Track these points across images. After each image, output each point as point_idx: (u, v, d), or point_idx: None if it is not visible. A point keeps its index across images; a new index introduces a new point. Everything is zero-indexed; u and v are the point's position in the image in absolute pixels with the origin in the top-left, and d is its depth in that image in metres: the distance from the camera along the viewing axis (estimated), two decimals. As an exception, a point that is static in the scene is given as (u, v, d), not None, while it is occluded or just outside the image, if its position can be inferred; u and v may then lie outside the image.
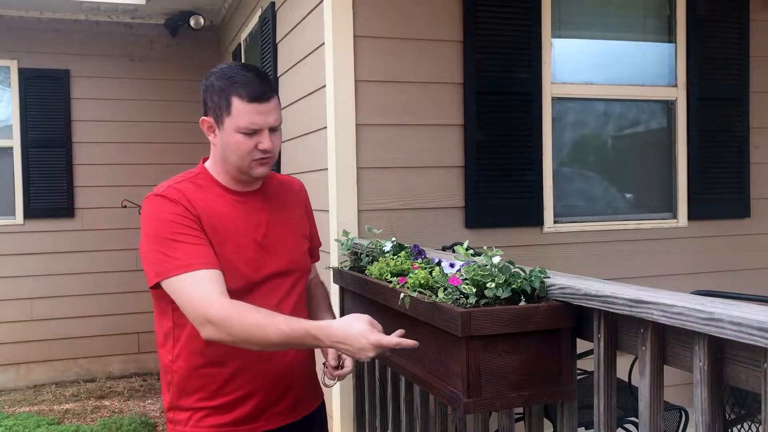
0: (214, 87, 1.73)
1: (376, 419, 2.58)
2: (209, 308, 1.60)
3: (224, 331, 1.60)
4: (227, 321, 1.59)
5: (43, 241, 5.70)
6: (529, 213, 3.50)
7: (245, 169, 1.76)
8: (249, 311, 1.61)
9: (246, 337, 1.60)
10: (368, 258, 2.40)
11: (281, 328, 1.58)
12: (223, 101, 1.71)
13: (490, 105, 3.40)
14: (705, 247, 3.83)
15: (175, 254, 1.64)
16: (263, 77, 1.76)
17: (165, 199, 1.71)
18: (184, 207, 1.69)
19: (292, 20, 3.79)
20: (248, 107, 1.69)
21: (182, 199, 1.71)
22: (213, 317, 1.59)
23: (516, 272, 1.67)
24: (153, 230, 1.69)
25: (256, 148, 1.72)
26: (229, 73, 1.73)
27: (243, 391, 1.77)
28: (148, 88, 5.94)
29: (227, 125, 1.71)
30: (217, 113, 1.73)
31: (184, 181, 1.79)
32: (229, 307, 1.61)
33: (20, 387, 5.69)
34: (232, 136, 1.71)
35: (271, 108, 1.73)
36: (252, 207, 1.82)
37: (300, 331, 1.59)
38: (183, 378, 1.79)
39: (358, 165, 3.18)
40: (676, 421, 2.83)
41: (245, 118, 1.69)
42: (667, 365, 1.44)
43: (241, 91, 1.69)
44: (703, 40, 3.79)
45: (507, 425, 1.83)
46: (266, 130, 1.72)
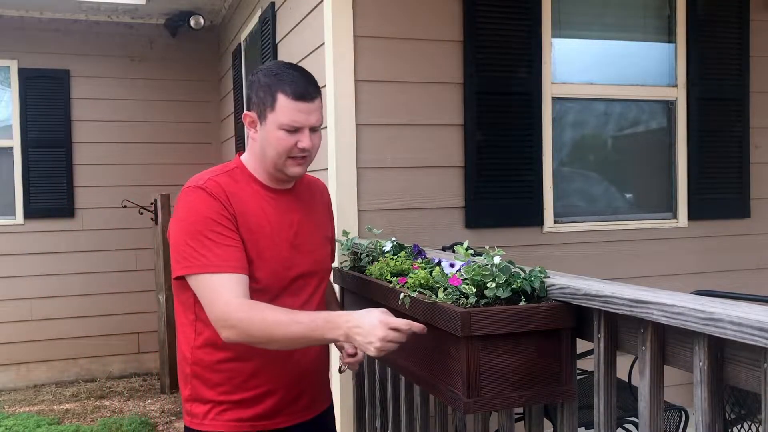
0: (261, 83, 1.75)
1: (376, 419, 2.58)
2: (230, 311, 1.62)
3: (245, 333, 1.63)
4: (247, 322, 1.61)
5: (43, 241, 5.71)
6: (529, 213, 3.50)
7: (281, 166, 1.77)
8: (268, 311, 1.63)
9: (267, 336, 1.62)
10: (368, 258, 2.40)
11: (302, 321, 1.62)
12: (268, 96, 1.73)
13: (490, 105, 3.40)
14: (705, 247, 3.83)
15: (206, 252, 1.66)
16: (309, 77, 1.78)
17: (205, 192, 1.71)
18: (222, 204, 1.70)
19: (292, 20, 3.79)
20: (292, 104, 1.71)
21: (221, 194, 1.72)
22: (233, 320, 1.62)
23: (516, 272, 1.67)
24: (188, 222, 1.70)
25: (295, 146, 1.74)
26: (276, 70, 1.76)
27: (265, 387, 1.79)
28: (148, 88, 5.94)
29: (270, 121, 1.73)
30: (260, 108, 1.75)
31: (222, 174, 1.79)
32: (249, 309, 1.63)
33: (20, 387, 5.69)
34: (274, 132, 1.73)
35: (314, 108, 1.75)
36: (286, 206, 1.84)
37: (319, 321, 1.61)
38: (204, 370, 1.79)
39: (358, 165, 3.18)
40: (676, 421, 2.83)
41: (288, 114, 1.71)
42: (667, 365, 1.44)
43: (287, 88, 1.71)
44: (703, 40, 3.80)
45: (507, 425, 1.83)
46: (307, 129, 1.74)
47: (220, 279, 1.64)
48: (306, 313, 1.66)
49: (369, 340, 1.57)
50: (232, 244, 1.69)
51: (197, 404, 1.81)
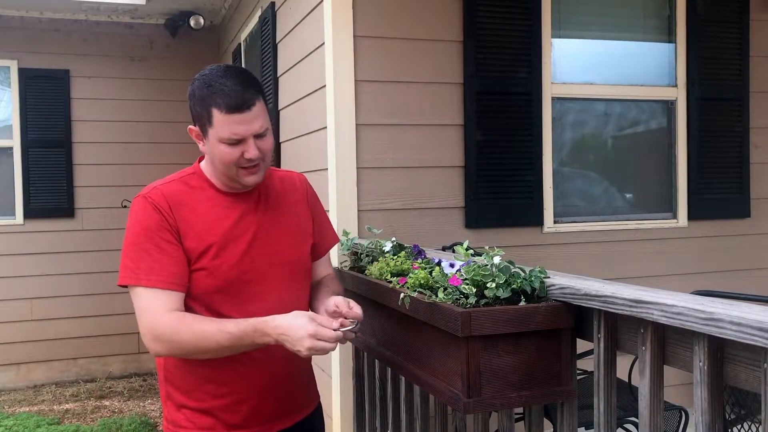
0: (196, 96, 1.69)
1: (376, 419, 2.58)
2: (157, 326, 1.63)
3: (173, 346, 1.64)
4: (175, 335, 1.62)
5: (43, 241, 5.70)
6: (529, 213, 3.50)
7: (235, 177, 1.73)
8: (196, 322, 1.63)
9: (195, 347, 1.63)
10: (368, 258, 2.40)
11: (229, 330, 1.60)
12: (203, 112, 1.67)
13: (490, 105, 3.40)
14: (705, 247, 3.83)
15: (140, 264, 1.66)
16: (245, 83, 1.68)
17: (147, 203, 1.70)
18: (163, 216, 1.68)
19: (292, 20, 3.79)
20: (228, 118, 1.64)
21: (164, 204, 1.70)
22: (161, 333, 1.62)
23: (516, 272, 1.67)
24: (130, 233, 1.71)
25: (242, 157, 1.68)
26: (209, 81, 1.68)
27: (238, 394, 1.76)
28: (148, 88, 5.94)
29: (211, 136, 1.68)
30: (200, 122, 1.70)
31: (174, 182, 1.77)
32: (177, 321, 1.62)
33: (20, 387, 5.69)
34: (217, 147, 1.68)
35: (254, 115, 1.67)
36: (244, 209, 1.79)
37: (248, 329, 1.60)
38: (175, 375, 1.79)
39: (358, 165, 3.18)
40: (676, 421, 2.83)
41: (226, 129, 1.65)
42: (667, 365, 1.44)
43: (219, 101, 1.64)
44: (703, 40, 3.79)
45: (507, 425, 1.83)
46: (251, 139, 1.68)
47: (152, 293, 1.64)
48: (235, 322, 1.62)
49: (296, 348, 1.58)
50: (168, 257, 1.66)
51: (172, 410, 1.79)
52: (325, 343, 1.57)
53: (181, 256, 1.68)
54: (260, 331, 1.60)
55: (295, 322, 1.58)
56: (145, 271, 1.65)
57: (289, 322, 1.59)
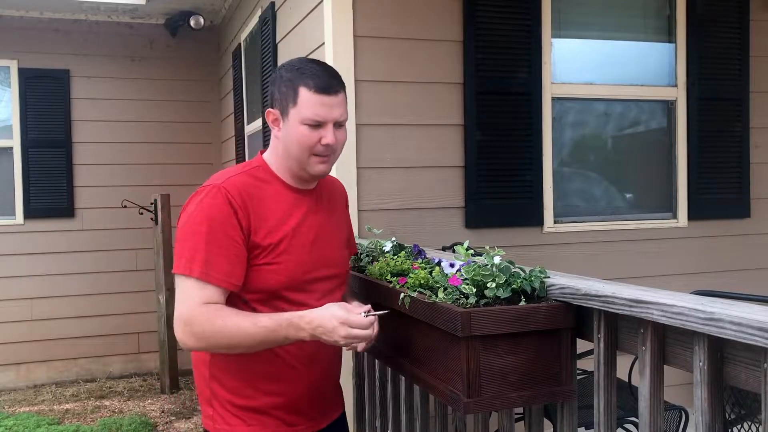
0: (283, 78, 1.71)
1: (376, 419, 2.58)
2: (192, 316, 1.59)
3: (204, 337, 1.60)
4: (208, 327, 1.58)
5: (43, 241, 5.71)
6: (529, 213, 3.50)
7: (305, 164, 1.72)
8: (231, 314, 1.60)
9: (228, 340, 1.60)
10: (368, 258, 2.40)
11: (264, 324, 1.59)
12: (290, 91, 1.69)
13: (490, 105, 3.40)
14: (705, 247, 3.83)
15: (197, 255, 1.61)
16: (332, 71, 1.74)
17: (220, 193, 1.65)
18: (233, 210, 1.64)
19: (292, 20, 3.79)
20: (314, 98, 1.67)
21: (237, 198, 1.65)
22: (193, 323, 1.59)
23: (516, 272, 1.67)
24: (194, 221, 1.64)
25: (318, 142, 1.69)
26: (297, 65, 1.72)
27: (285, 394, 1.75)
28: (148, 88, 5.94)
29: (292, 116, 1.69)
30: (283, 104, 1.71)
31: (243, 174, 1.74)
32: (212, 312, 1.59)
33: (20, 387, 5.69)
34: (296, 128, 1.68)
35: (338, 102, 1.71)
36: (308, 207, 1.79)
37: (283, 323, 1.59)
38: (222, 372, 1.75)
39: (358, 165, 3.18)
40: (676, 421, 2.83)
41: (310, 108, 1.67)
42: (667, 365, 1.44)
43: (309, 81, 1.68)
44: (703, 40, 3.80)
45: (507, 425, 1.83)
46: (330, 125, 1.70)
47: (198, 285, 1.60)
48: (269, 316, 1.61)
49: (333, 338, 1.59)
50: (225, 254, 1.62)
51: (216, 407, 1.76)
52: (360, 330, 1.58)
53: (240, 254, 1.65)
54: (295, 325, 1.59)
55: (326, 313, 1.59)
56: (200, 263, 1.60)
57: (321, 314, 1.59)
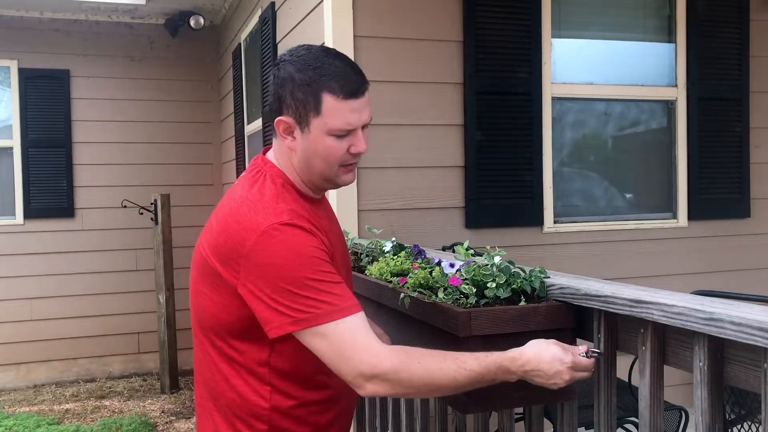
0: (296, 81, 1.41)
1: (376, 419, 2.58)
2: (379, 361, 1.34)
3: (399, 385, 1.36)
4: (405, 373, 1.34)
5: (43, 241, 5.71)
6: (529, 213, 3.50)
7: (332, 177, 1.48)
8: (425, 356, 1.38)
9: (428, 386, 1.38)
10: (368, 258, 2.40)
11: (471, 368, 1.38)
12: (309, 98, 1.40)
13: (490, 105, 3.40)
14: (705, 247, 3.83)
15: (325, 297, 1.35)
16: (354, 65, 1.47)
17: (298, 229, 1.38)
18: (319, 239, 1.41)
19: (292, 20, 3.79)
20: (344, 105, 1.40)
21: (312, 227, 1.42)
22: (385, 371, 1.33)
23: (516, 272, 1.67)
24: (291, 268, 1.35)
25: (347, 152, 1.46)
26: (314, 63, 1.41)
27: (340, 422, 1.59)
28: (148, 88, 5.94)
29: (315, 126, 1.41)
30: (300, 112, 1.41)
31: (285, 197, 1.45)
32: (402, 356, 1.36)
33: (20, 387, 5.69)
34: (321, 140, 1.42)
35: (366, 103, 1.45)
36: (326, 216, 1.60)
37: (491, 367, 1.40)
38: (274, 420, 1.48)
39: (358, 165, 3.17)
40: (676, 421, 2.83)
41: (340, 118, 1.41)
42: (667, 365, 1.44)
43: (334, 86, 1.39)
44: (703, 40, 3.80)
45: (507, 425, 1.83)
46: (359, 130, 1.45)
47: (358, 323, 1.36)
48: (474, 357, 1.40)
49: (552, 382, 1.42)
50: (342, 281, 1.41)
51: None
52: (584, 373, 1.46)
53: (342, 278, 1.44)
54: (504, 368, 1.41)
55: (545, 355, 1.42)
56: (334, 302, 1.35)
57: (539, 356, 1.42)
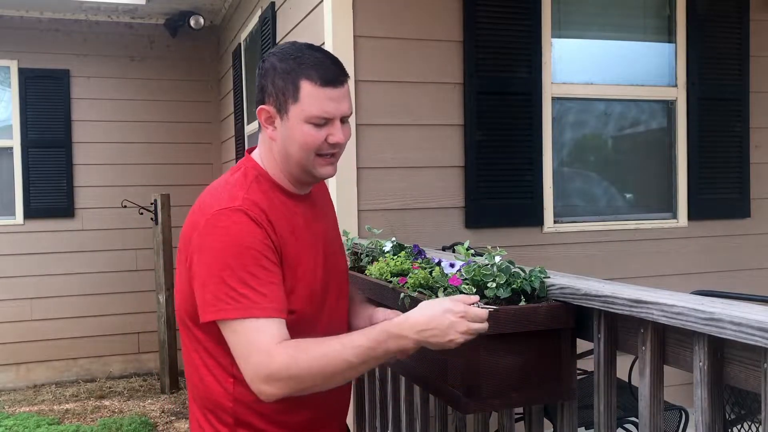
0: (277, 70, 1.46)
1: (376, 419, 2.58)
2: (270, 361, 1.33)
3: (293, 381, 1.34)
4: (293, 368, 1.33)
5: (43, 241, 5.71)
6: (529, 213, 3.50)
7: (309, 167, 1.49)
8: (312, 344, 1.36)
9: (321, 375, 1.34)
10: (368, 258, 2.40)
11: (358, 343, 1.35)
12: (289, 85, 1.44)
13: (490, 105, 3.40)
14: (705, 247, 3.83)
15: (247, 291, 1.36)
16: (335, 58, 1.51)
17: (245, 216, 1.40)
18: (266, 232, 1.41)
19: (292, 20, 3.79)
20: (321, 92, 1.43)
21: (263, 218, 1.42)
22: (275, 370, 1.33)
23: (516, 272, 1.67)
24: (224, 254, 1.37)
25: (325, 142, 1.47)
26: (295, 53, 1.46)
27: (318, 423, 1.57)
28: (148, 88, 5.94)
29: (293, 114, 1.45)
30: (280, 100, 1.45)
31: (252, 187, 1.48)
32: (290, 350, 1.34)
33: (20, 387, 5.69)
34: (299, 127, 1.45)
35: (345, 94, 1.48)
36: (312, 214, 1.58)
37: (380, 336, 1.36)
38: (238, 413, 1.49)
39: (358, 165, 3.18)
40: (676, 421, 2.83)
41: (317, 104, 1.43)
42: (667, 365, 1.44)
43: (312, 73, 1.43)
44: (703, 40, 3.80)
45: (507, 425, 1.83)
46: (338, 121, 1.47)
47: (260, 325, 1.35)
48: (360, 332, 1.38)
49: (449, 338, 1.37)
50: (277, 281, 1.40)
51: None
52: (480, 324, 1.39)
53: (281, 279, 1.43)
54: (394, 334, 1.36)
55: (436, 310, 1.37)
56: (255, 299, 1.36)
57: (428, 313, 1.37)
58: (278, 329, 1.37)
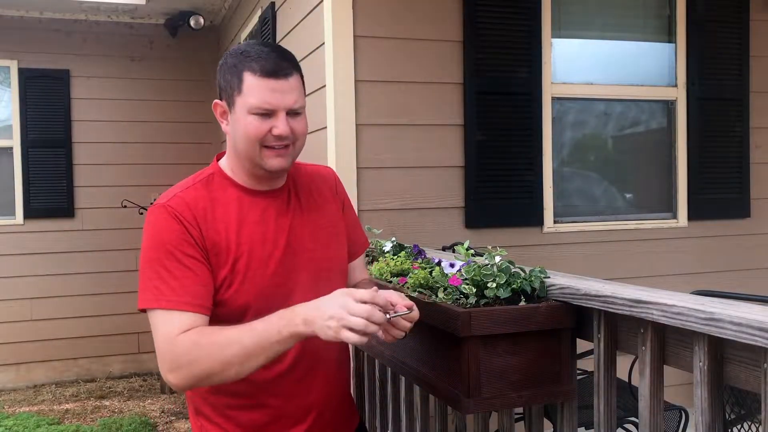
0: (227, 64, 1.52)
1: (376, 419, 2.58)
2: (172, 348, 1.39)
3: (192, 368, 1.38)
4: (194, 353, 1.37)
5: (43, 241, 5.70)
6: (529, 213, 3.50)
7: (257, 159, 1.51)
8: (215, 331, 1.41)
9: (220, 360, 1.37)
10: (368, 258, 2.40)
11: (254, 327, 1.37)
12: (234, 78, 1.49)
13: (490, 105, 3.40)
14: (705, 247, 3.83)
15: (158, 284, 1.44)
16: (283, 53, 1.53)
17: (166, 213, 1.48)
18: (184, 228, 1.47)
19: (292, 20, 3.79)
20: (261, 82, 1.46)
21: (186, 214, 1.48)
22: (177, 356, 1.38)
23: (516, 272, 1.67)
24: (147, 247, 1.48)
25: (269, 133, 1.49)
26: (243, 48, 1.52)
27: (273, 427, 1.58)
28: (147, 88, 5.94)
29: (238, 106, 1.49)
30: (228, 93, 1.51)
31: (192, 186, 1.56)
32: (193, 335, 1.39)
33: (20, 387, 5.69)
34: (243, 118, 1.48)
35: (290, 87, 1.49)
36: (275, 210, 1.59)
37: (273, 318, 1.37)
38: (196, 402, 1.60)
39: (358, 165, 3.18)
40: (676, 421, 2.83)
41: (257, 95, 1.47)
42: (667, 365, 1.44)
43: (253, 65, 1.47)
44: (703, 40, 3.80)
45: (507, 425, 1.83)
46: (283, 113, 1.49)
47: (170, 316, 1.41)
48: (263, 319, 1.39)
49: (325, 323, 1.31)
50: (190, 276, 1.45)
51: None
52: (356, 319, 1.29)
53: (205, 275, 1.47)
54: (286, 315, 1.36)
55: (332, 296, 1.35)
56: (164, 291, 1.43)
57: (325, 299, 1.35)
58: (187, 321, 1.42)
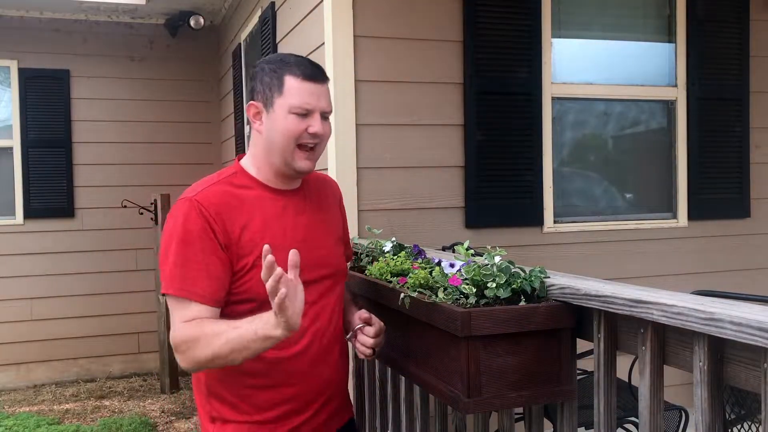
0: (265, 69, 1.69)
1: (376, 419, 2.58)
2: (175, 334, 1.57)
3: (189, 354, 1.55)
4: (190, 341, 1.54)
5: (43, 241, 5.71)
6: (529, 213, 3.50)
7: (289, 158, 1.67)
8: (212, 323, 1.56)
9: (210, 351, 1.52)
10: (368, 258, 2.40)
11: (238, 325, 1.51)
12: (275, 81, 1.66)
13: (490, 105, 3.40)
14: (705, 247, 3.83)
15: (176, 271, 1.58)
16: (316, 64, 1.73)
17: (192, 206, 1.61)
18: (207, 223, 1.59)
19: (292, 20, 3.79)
20: (302, 85, 1.65)
21: (210, 209, 1.61)
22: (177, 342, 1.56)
23: (516, 272, 1.67)
24: (169, 237, 1.61)
25: (305, 132, 1.66)
26: (280, 56, 1.71)
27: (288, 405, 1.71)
28: (148, 88, 5.94)
29: (278, 105, 1.65)
30: (267, 94, 1.67)
31: (218, 183, 1.69)
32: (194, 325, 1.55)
33: (20, 387, 5.69)
34: (283, 118, 1.65)
35: (324, 91, 1.69)
36: (293, 208, 1.74)
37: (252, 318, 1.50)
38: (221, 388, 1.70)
39: (358, 165, 3.18)
40: (676, 421, 2.83)
41: (298, 96, 1.64)
42: (667, 365, 1.44)
43: (295, 69, 1.66)
44: (703, 40, 3.80)
45: (507, 425, 1.83)
46: (318, 114, 1.67)
47: (180, 304, 1.58)
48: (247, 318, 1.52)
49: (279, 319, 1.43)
50: (205, 269, 1.58)
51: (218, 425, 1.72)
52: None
53: (219, 269, 1.60)
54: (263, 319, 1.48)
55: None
56: (179, 279, 1.58)
57: None
58: (194, 310, 1.57)
